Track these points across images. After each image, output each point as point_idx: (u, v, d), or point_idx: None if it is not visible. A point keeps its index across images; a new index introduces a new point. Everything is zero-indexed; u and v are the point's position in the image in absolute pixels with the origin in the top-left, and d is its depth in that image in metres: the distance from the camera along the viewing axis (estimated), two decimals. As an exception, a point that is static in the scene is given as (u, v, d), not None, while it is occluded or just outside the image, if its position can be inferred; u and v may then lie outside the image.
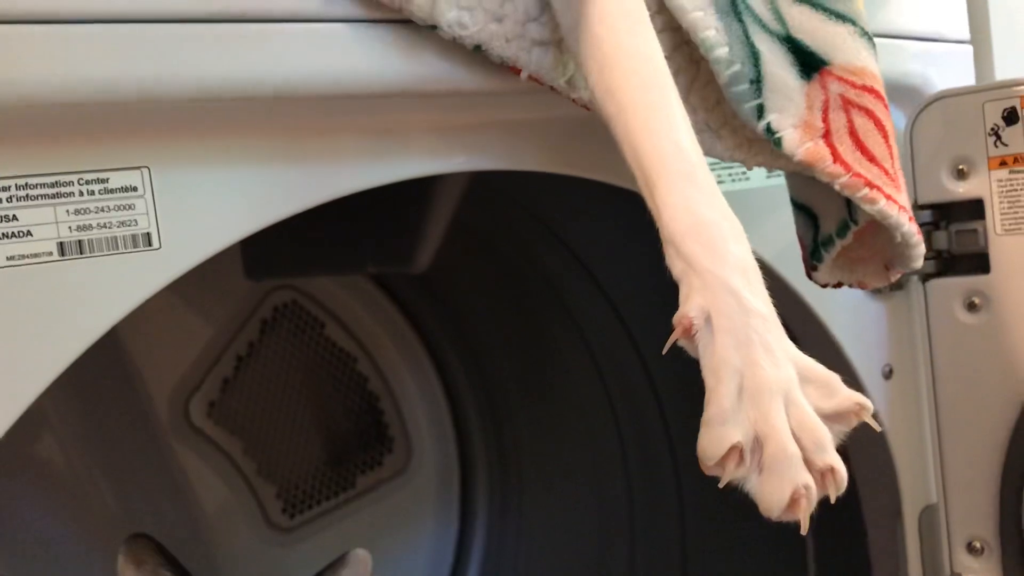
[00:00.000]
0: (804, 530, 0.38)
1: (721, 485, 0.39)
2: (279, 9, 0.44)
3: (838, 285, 0.57)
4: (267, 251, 0.92)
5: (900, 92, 0.69)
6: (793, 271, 0.62)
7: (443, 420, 1.15)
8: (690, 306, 0.39)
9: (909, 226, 0.51)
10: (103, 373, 0.95)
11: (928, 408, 0.70)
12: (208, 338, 1.02)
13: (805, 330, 0.69)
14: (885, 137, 0.51)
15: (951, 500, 0.69)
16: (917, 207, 0.68)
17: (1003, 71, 0.74)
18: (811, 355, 0.72)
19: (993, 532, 0.67)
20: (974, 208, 0.67)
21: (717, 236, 0.40)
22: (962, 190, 0.67)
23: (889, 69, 0.68)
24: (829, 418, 0.39)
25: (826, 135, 0.49)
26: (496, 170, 0.54)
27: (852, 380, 0.69)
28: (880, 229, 0.52)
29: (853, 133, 0.50)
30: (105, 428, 0.97)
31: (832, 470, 0.39)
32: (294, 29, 0.44)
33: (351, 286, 1.09)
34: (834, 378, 0.40)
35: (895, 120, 0.69)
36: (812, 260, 0.56)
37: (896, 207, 0.50)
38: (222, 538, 1.02)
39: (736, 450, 0.38)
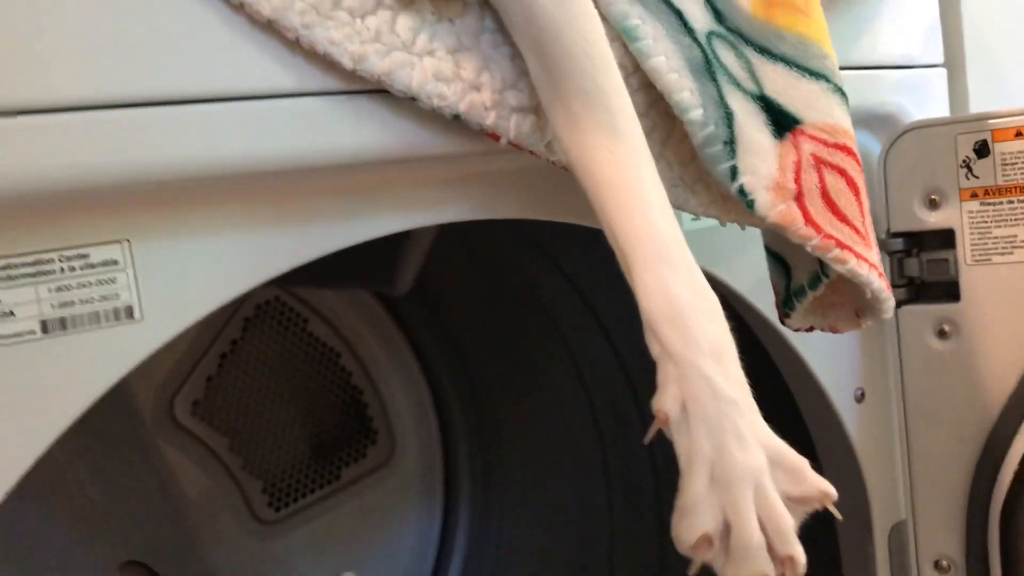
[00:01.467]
0: None
1: (692, 572, 0.40)
2: (255, 86, 0.43)
3: (810, 329, 0.58)
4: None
5: (875, 120, 0.70)
6: (767, 301, 0.63)
7: (426, 413, 1.16)
8: (666, 397, 0.41)
9: (879, 283, 0.51)
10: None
11: (899, 430, 0.72)
12: (191, 336, 1.03)
13: (779, 355, 0.70)
14: (856, 194, 0.52)
15: (919, 520, 0.71)
16: (890, 235, 0.69)
17: (977, 94, 0.74)
18: (785, 380, 0.73)
19: (960, 552, 0.69)
20: (945, 238, 0.68)
21: (691, 319, 0.41)
22: (934, 220, 0.68)
23: (865, 98, 0.69)
24: (795, 501, 0.41)
25: (798, 196, 0.50)
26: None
27: (825, 403, 0.71)
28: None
29: (825, 193, 0.50)
30: (91, 428, 0.98)
31: (792, 559, 0.40)
32: (271, 106, 0.44)
33: (333, 283, 1.09)
34: (803, 464, 0.42)
35: (870, 148, 0.70)
36: (784, 308, 0.57)
37: (867, 266, 0.51)
38: (209, 533, 1.04)
39: (706, 538, 0.40)
